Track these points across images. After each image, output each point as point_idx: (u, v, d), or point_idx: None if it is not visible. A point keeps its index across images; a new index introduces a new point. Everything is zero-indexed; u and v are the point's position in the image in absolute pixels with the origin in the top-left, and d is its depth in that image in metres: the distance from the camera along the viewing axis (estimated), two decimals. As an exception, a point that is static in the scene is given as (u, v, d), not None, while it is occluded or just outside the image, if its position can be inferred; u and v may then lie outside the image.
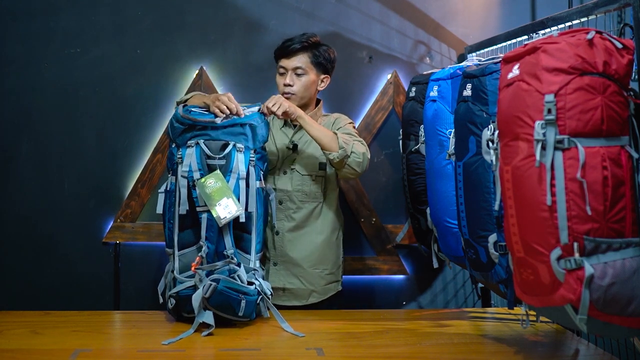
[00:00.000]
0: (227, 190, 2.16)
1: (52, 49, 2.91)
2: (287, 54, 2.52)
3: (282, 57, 2.53)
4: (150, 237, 2.93)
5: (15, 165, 2.91)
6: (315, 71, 2.54)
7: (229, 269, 2.16)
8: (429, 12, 3.03)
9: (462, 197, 2.08)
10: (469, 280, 3.00)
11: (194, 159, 2.19)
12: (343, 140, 2.40)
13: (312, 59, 2.52)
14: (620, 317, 1.55)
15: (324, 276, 2.55)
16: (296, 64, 2.51)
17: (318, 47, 2.54)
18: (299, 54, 2.51)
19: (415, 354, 1.98)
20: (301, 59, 2.51)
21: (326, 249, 2.56)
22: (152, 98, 2.93)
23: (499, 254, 1.95)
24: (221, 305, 2.12)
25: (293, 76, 2.52)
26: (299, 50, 2.50)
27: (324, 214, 2.56)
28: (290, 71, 2.51)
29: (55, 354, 1.92)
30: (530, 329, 2.20)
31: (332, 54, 2.57)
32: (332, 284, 2.59)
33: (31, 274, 2.91)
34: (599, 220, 1.54)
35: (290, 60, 2.51)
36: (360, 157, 2.42)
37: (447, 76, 2.32)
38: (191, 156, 2.19)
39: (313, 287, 2.54)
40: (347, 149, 2.39)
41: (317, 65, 2.53)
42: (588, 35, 1.57)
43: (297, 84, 2.52)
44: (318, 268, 2.54)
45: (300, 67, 2.51)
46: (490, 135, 1.90)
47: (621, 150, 1.57)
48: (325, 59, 2.54)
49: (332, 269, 2.58)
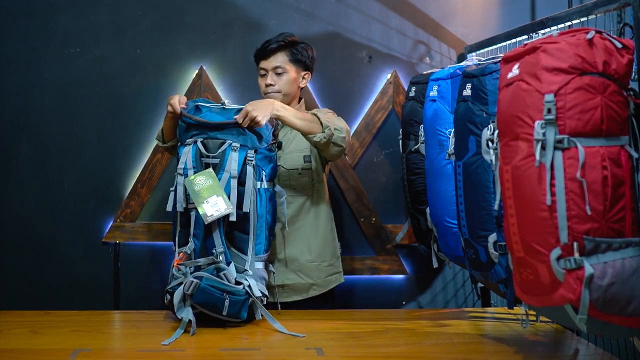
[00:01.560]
0: (218, 188, 2.16)
1: (52, 49, 2.91)
2: (265, 55, 2.56)
3: (261, 59, 2.57)
4: (150, 237, 2.93)
5: (15, 165, 2.91)
6: (295, 69, 2.57)
7: (217, 267, 2.16)
8: (429, 12, 3.03)
9: (462, 197, 2.08)
10: (469, 280, 3.00)
11: (190, 157, 2.21)
12: (325, 119, 2.41)
13: (291, 57, 2.56)
14: (620, 317, 1.55)
15: (322, 269, 2.56)
16: (275, 63, 2.55)
17: (295, 45, 2.57)
18: (276, 53, 2.55)
19: (415, 354, 1.98)
20: (279, 59, 2.55)
21: (321, 241, 2.57)
22: (152, 98, 2.93)
23: (499, 254, 1.95)
24: (205, 303, 2.14)
25: (274, 76, 2.55)
26: (276, 50, 2.55)
27: (314, 208, 2.57)
28: (271, 72, 2.55)
29: (55, 354, 1.92)
30: (530, 329, 2.20)
31: (310, 51, 2.61)
32: (333, 275, 2.59)
33: (31, 274, 2.91)
34: (599, 220, 1.54)
35: (269, 61, 2.55)
36: (343, 133, 2.43)
37: (447, 76, 2.32)
38: (187, 154, 2.22)
39: (312, 280, 2.54)
40: (331, 127, 2.39)
41: (296, 63, 2.57)
42: (588, 35, 1.57)
43: (278, 83, 2.55)
44: (316, 261, 2.54)
45: (279, 67, 2.55)
46: (490, 135, 1.90)
47: (621, 150, 1.57)
48: (303, 56, 2.58)
49: (330, 261, 2.58)
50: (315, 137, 2.38)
